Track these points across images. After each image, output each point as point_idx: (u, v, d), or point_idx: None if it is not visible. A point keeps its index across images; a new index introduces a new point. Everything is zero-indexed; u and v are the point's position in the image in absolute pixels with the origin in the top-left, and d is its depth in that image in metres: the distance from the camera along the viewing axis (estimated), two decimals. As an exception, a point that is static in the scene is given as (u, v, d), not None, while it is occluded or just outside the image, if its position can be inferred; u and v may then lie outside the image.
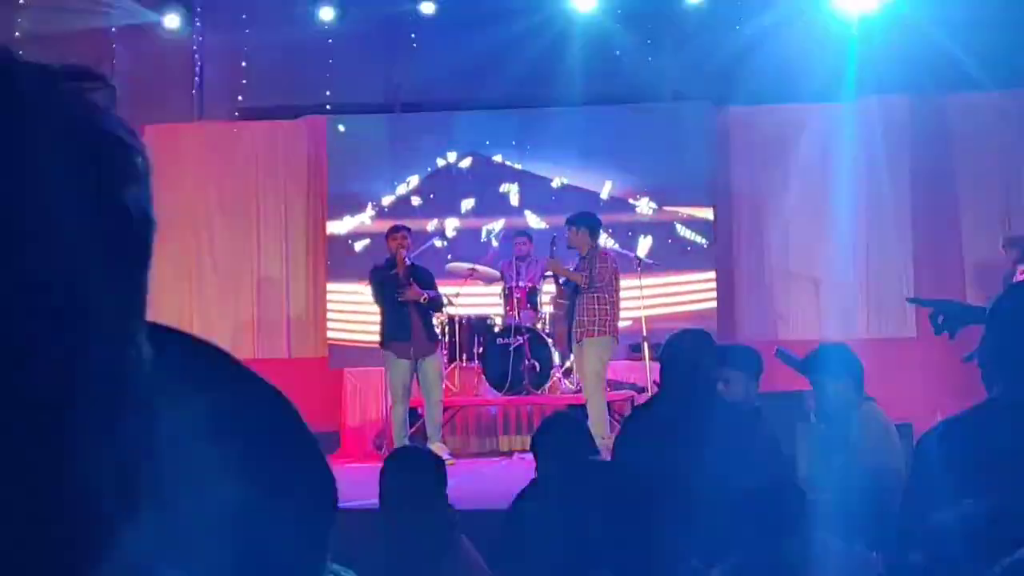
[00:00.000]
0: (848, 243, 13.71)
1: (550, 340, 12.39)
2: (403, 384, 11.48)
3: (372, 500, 8.40)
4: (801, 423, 7.39)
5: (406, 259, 11.53)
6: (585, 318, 10.71)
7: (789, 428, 7.21)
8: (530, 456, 5.79)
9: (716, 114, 14.16)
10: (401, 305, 11.47)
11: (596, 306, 10.72)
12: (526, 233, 13.12)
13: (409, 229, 11.95)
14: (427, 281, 11.73)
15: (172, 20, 14.04)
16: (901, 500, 3.66)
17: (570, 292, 10.96)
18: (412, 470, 4.63)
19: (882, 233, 13.87)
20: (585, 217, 11.11)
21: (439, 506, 4.58)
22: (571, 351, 11.28)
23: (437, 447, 11.24)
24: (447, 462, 10.87)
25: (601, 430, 9.78)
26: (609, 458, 6.07)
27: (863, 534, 4.63)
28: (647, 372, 11.85)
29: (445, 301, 11.99)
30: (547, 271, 11.61)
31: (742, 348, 6.85)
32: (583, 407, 10.50)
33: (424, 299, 11.51)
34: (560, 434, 5.52)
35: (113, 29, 14.74)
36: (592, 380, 10.67)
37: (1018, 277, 11.45)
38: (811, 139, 13.79)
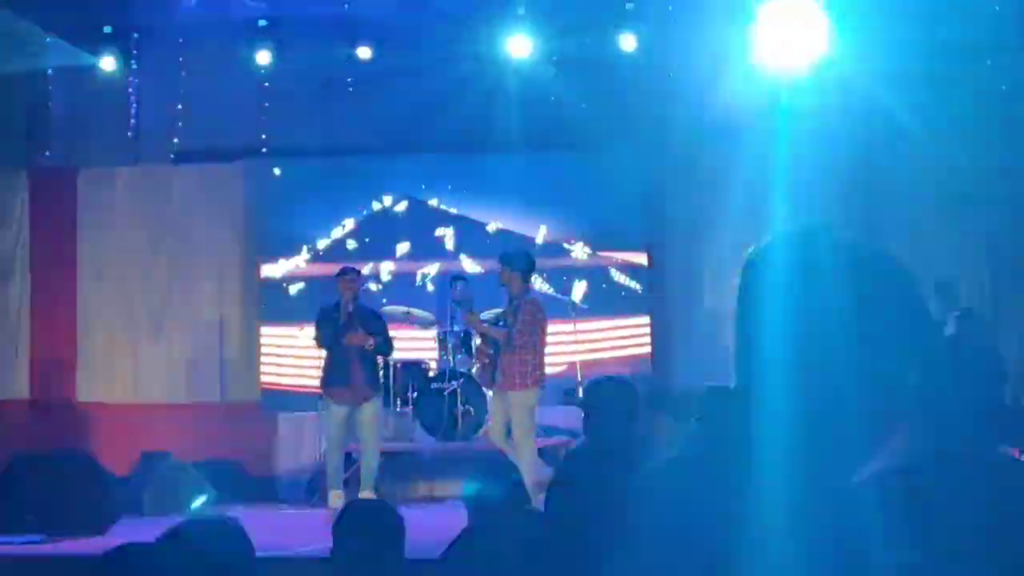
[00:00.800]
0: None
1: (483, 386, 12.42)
2: (339, 430, 11.43)
3: (308, 547, 8.43)
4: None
5: (351, 302, 11.45)
6: (507, 371, 10.62)
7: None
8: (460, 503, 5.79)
9: (651, 160, 14.24)
10: (343, 349, 11.40)
11: (518, 358, 10.61)
12: (463, 277, 13.14)
13: (359, 271, 11.90)
14: (375, 325, 11.63)
15: (108, 63, 13.98)
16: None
17: (490, 343, 10.92)
18: (370, 528, 4.57)
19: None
20: (518, 258, 10.94)
21: (394, 566, 4.54)
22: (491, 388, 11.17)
23: (367, 494, 11.22)
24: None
25: (533, 478, 9.73)
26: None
27: None
28: (581, 417, 11.86)
29: (392, 345, 11.88)
30: (467, 325, 11.52)
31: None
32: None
33: (369, 345, 11.43)
34: (492, 483, 5.53)
35: (49, 71, 14.68)
36: (520, 433, 10.57)
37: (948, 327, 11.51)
38: (743, 185, 13.87)
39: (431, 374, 12.73)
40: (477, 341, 11.88)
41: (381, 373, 12.46)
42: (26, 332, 14.60)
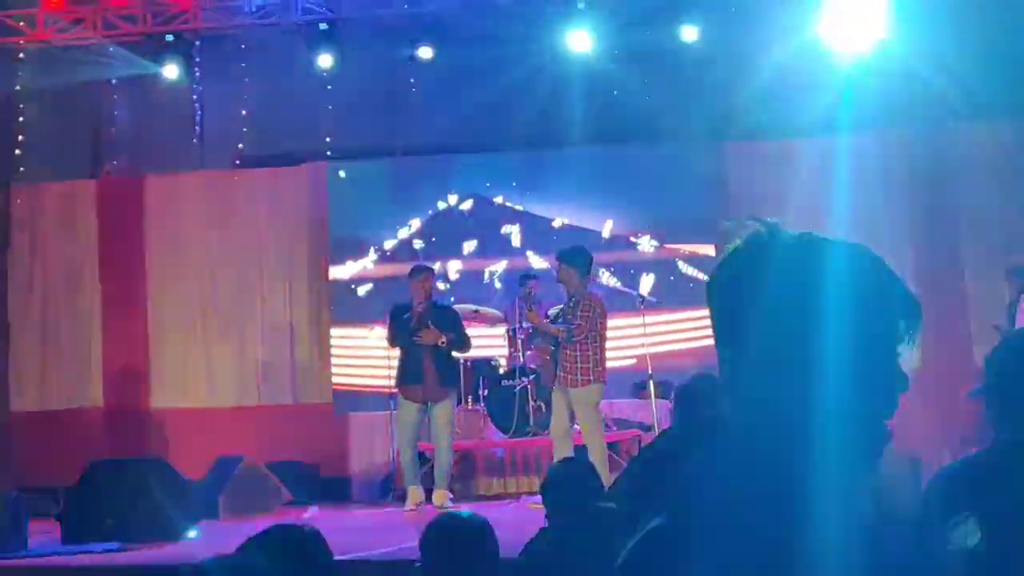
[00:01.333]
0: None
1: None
2: (411, 428, 11.30)
3: (386, 549, 8.43)
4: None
5: (424, 301, 11.31)
6: (569, 365, 10.51)
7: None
8: (538, 498, 5.77)
9: (715, 150, 14.20)
10: (415, 348, 11.28)
11: (578, 354, 10.49)
12: (534, 275, 13.08)
13: (431, 269, 11.79)
14: (449, 321, 11.45)
15: (171, 70, 14.07)
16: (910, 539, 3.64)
17: (550, 341, 10.86)
18: (460, 545, 4.52)
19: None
20: (575, 253, 10.78)
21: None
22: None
23: (442, 494, 11.20)
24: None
25: (604, 475, 9.67)
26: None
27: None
28: (652, 410, 11.82)
29: (468, 342, 11.65)
30: (528, 323, 11.34)
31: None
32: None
33: (441, 343, 11.28)
34: (568, 482, 5.50)
35: (113, 80, 14.81)
36: (588, 429, 10.52)
37: (1022, 306, 11.39)
38: (809, 173, 13.79)
39: (501, 371, 12.72)
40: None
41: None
42: (98, 340, 14.73)
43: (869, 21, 12.74)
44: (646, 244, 14.16)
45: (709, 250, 14.06)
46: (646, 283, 13.81)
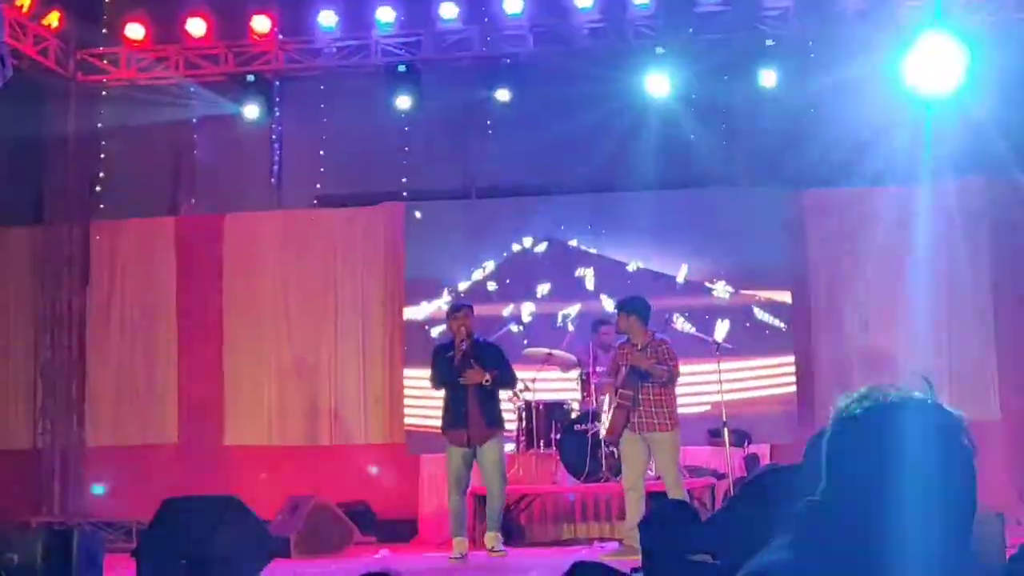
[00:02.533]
0: (928, 324, 13.58)
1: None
2: (457, 472, 10.99)
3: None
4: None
5: (466, 339, 11.03)
6: (654, 410, 10.45)
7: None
8: (611, 544, 5.72)
9: (791, 197, 14.13)
10: (459, 388, 11.03)
11: (665, 398, 10.48)
12: (610, 322, 13.02)
13: (471, 307, 11.48)
14: (494, 358, 11.17)
15: (252, 110, 14.22)
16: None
17: (634, 381, 10.59)
18: None
19: (962, 314, 13.71)
20: (633, 301, 10.80)
21: None
22: (619, 439, 10.76)
23: (493, 536, 11.07)
24: (499, 554, 10.74)
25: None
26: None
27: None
28: (727, 458, 11.74)
29: (514, 377, 11.52)
30: (630, 363, 10.76)
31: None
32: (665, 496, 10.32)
33: (486, 381, 11.00)
34: (666, 530, 5.44)
35: (194, 119, 14.99)
36: (672, 477, 10.46)
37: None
38: (888, 222, 13.71)
39: (574, 415, 12.66)
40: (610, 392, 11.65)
41: (522, 414, 12.45)
42: (174, 376, 14.84)
43: (950, 68, 12.69)
44: (721, 290, 14.07)
45: (785, 296, 13.96)
46: (721, 329, 13.72)
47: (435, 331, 14.32)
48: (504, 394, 11.55)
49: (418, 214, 14.71)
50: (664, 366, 10.45)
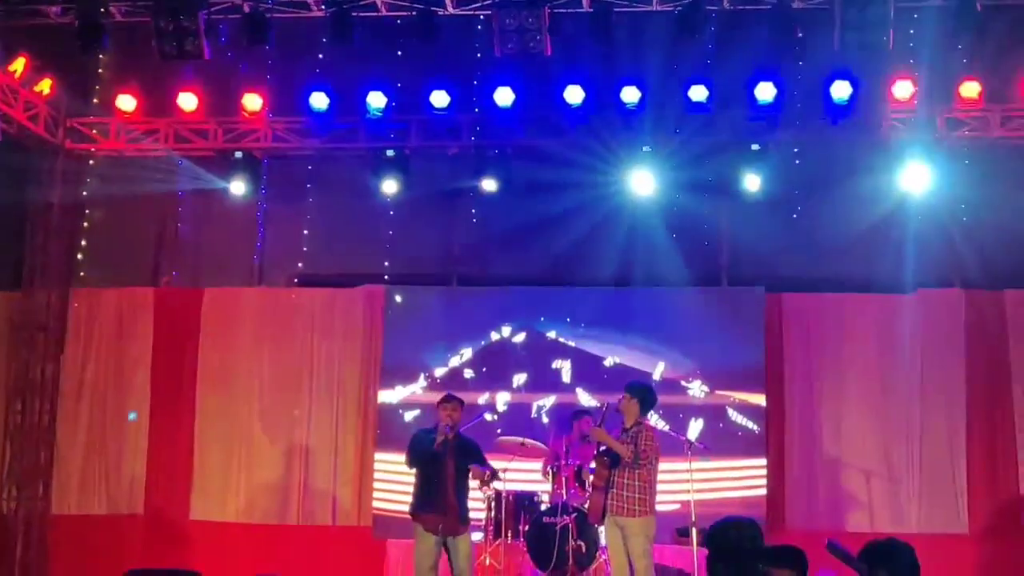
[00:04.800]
0: (901, 434, 13.64)
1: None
2: (429, 561, 10.82)
3: None
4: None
5: (449, 428, 10.84)
6: (626, 494, 10.38)
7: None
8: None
9: (772, 301, 14.19)
10: (438, 474, 10.83)
11: (637, 483, 10.36)
12: (589, 412, 13.02)
13: (462, 401, 11.24)
14: (474, 453, 11.08)
15: (238, 187, 14.23)
16: None
17: (608, 464, 10.54)
18: None
19: (936, 425, 13.74)
20: (641, 388, 10.88)
21: None
22: (601, 523, 10.83)
23: None
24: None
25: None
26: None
27: None
28: (694, 557, 11.68)
29: (494, 472, 11.21)
30: (591, 439, 10.95)
31: (788, 548, 6.67)
32: None
33: (487, 477, 10.93)
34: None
35: (180, 192, 15.03)
36: (641, 563, 10.42)
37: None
38: (868, 329, 13.80)
39: (544, 507, 12.61)
40: (590, 477, 11.64)
41: (492, 504, 12.39)
42: (143, 448, 14.76)
43: (928, 182, 12.88)
44: (697, 389, 14.09)
45: (760, 399, 13.98)
46: (695, 428, 13.74)
47: (408, 415, 14.31)
48: (472, 483, 11.45)
49: (398, 298, 14.74)
50: (630, 446, 10.41)
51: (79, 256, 15.13)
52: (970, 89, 12.66)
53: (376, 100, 13.66)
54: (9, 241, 14.82)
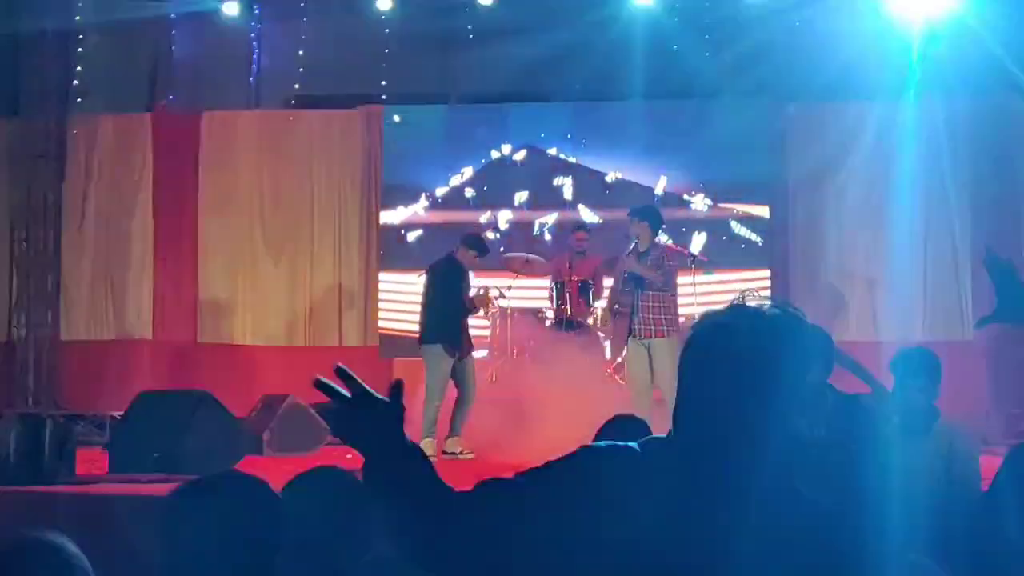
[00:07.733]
0: (906, 243, 13.60)
1: (601, 335, 12.38)
2: (445, 379, 11.32)
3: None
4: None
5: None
6: (652, 316, 10.49)
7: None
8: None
9: (775, 111, 14.08)
10: (462, 304, 11.41)
11: (664, 305, 10.52)
12: (585, 227, 13.06)
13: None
14: None
15: (231, 7, 14.05)
16: (976, 517, 3.63)
17: (631, 288, 10.64)
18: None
19: (940, 234, 13.74)
20: (647, 210, 10.96)
21: None
22: (624, 347, 11.04)
23: (458, 441, 11.23)
24: (468, 456, 10.95)
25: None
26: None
27: (933, 551, 4.45)
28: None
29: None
30: (625, 269, 10.80)
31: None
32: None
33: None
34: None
35: (172, 15, 14.81)
36: (668, 383, 10.46)
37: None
38: (871, 138, 13.68)
39: (548, 324, 12.68)
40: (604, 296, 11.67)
41: (497, 321, 12.52)
42: (149, 273, 14.80)
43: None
44: (700, 203, 14.07)
45: (763, 211, 13.98)
46: (698, 242, 13.75)
47: (411, 235, 14.32)
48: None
49: (397, 118, 14.63)
50: (659, 270, 10.50)
51: (75, 82, 14.96)
52: None
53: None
54: (4, 70, 14.65)
